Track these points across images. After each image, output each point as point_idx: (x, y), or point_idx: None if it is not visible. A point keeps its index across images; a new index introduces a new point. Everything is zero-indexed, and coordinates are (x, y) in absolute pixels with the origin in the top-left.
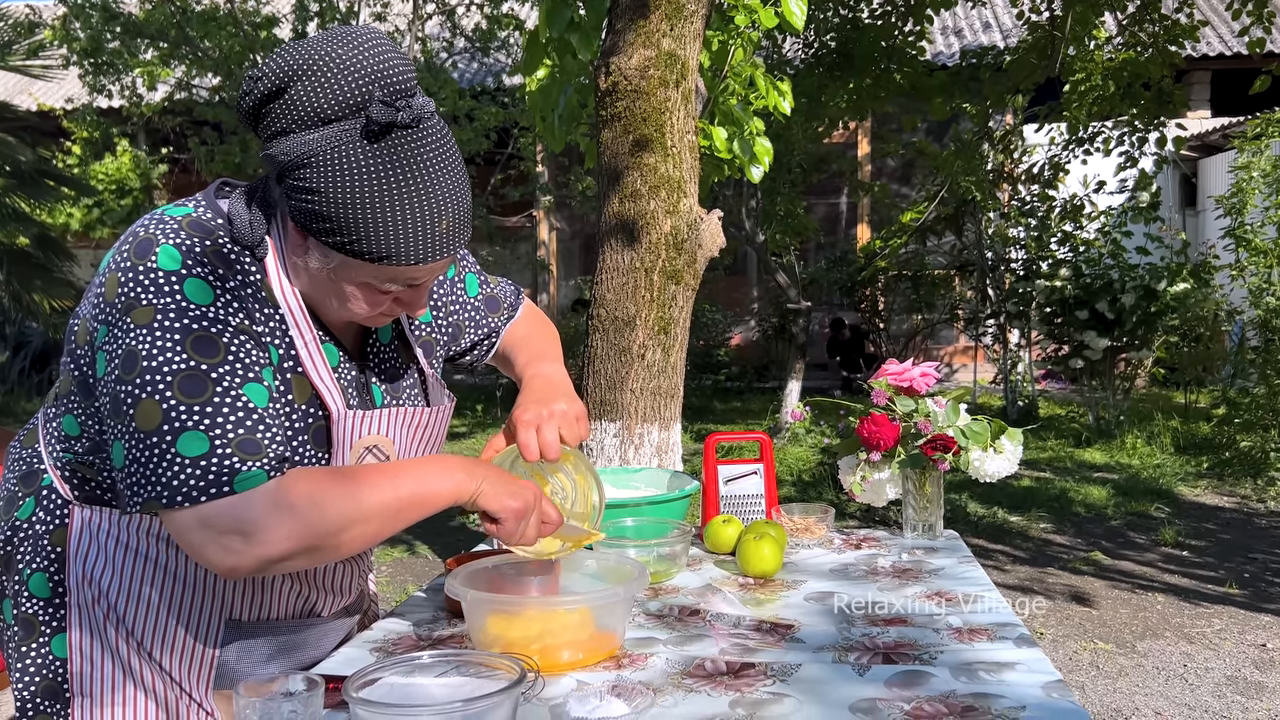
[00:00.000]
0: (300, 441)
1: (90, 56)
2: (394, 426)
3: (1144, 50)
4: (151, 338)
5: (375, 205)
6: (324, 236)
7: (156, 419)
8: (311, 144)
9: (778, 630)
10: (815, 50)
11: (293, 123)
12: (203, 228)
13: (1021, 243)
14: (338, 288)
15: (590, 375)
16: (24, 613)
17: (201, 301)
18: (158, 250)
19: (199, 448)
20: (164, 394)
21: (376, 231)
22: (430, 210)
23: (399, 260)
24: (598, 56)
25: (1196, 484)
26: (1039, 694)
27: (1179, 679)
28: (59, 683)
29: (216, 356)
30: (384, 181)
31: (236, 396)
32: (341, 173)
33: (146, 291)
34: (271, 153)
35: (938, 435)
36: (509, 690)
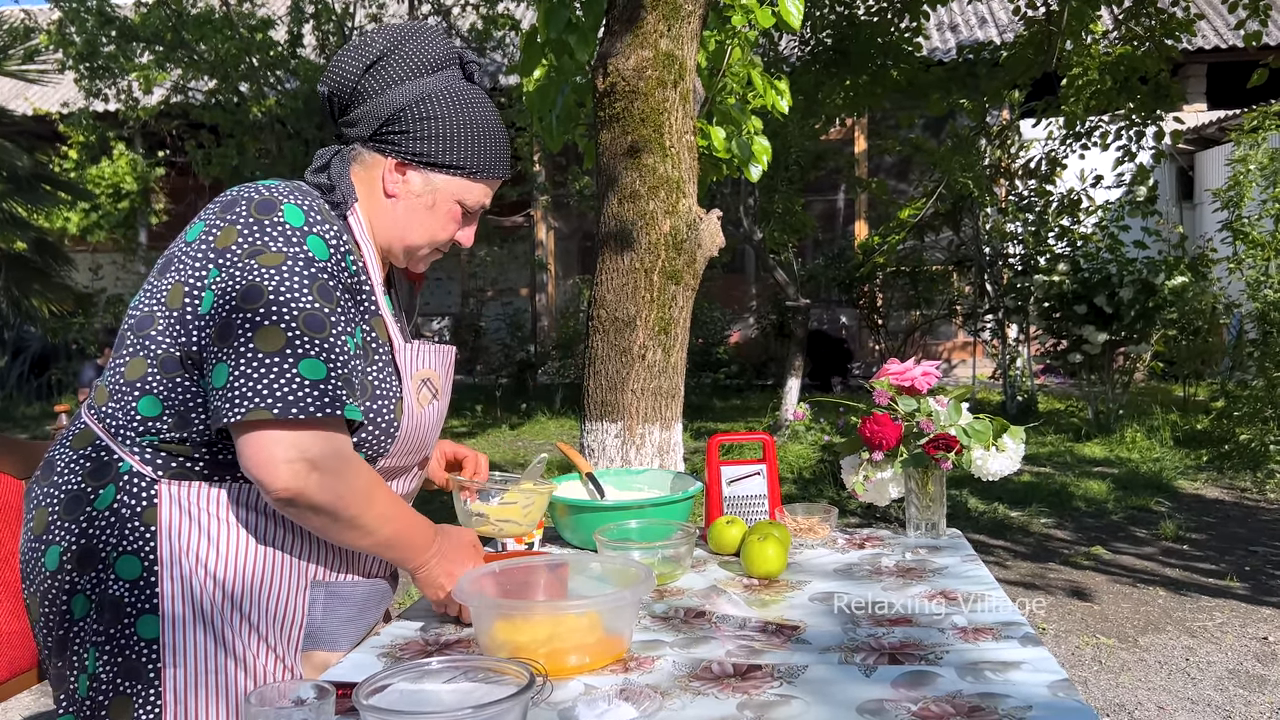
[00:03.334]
0: (388, 373)
1: (86, 60)
2: (437, 360)
3: (1140, 44)
4: (280, 277)
5: (478, 128)
6: (440, 158)
7: (280, 343)
8: (429, 84)
9: (783, 631)
10: (812, 48)
11: (406, 73)
12: (306, 191)
13: (1019, 238)
14: (436, 211)
15: (591, 376)
16: (110, 596)
17: (321, 257)
18: (283, 208)
19: (318, 373)
20: (290, 323)
21: (480, 149)
22: (502, 135)
23: (490, 174)
24: (594, 58)
25: (1196, 477)
26: (1045, 693)
27: (1181, 673)
28: (142, 662)
29: (332, 304)
30: (479, 111)
31: (344, 342)
32: (459, 101)
33: (275, 240)
34: (379, 103)
35: (940, 434)
36: (519, 696)
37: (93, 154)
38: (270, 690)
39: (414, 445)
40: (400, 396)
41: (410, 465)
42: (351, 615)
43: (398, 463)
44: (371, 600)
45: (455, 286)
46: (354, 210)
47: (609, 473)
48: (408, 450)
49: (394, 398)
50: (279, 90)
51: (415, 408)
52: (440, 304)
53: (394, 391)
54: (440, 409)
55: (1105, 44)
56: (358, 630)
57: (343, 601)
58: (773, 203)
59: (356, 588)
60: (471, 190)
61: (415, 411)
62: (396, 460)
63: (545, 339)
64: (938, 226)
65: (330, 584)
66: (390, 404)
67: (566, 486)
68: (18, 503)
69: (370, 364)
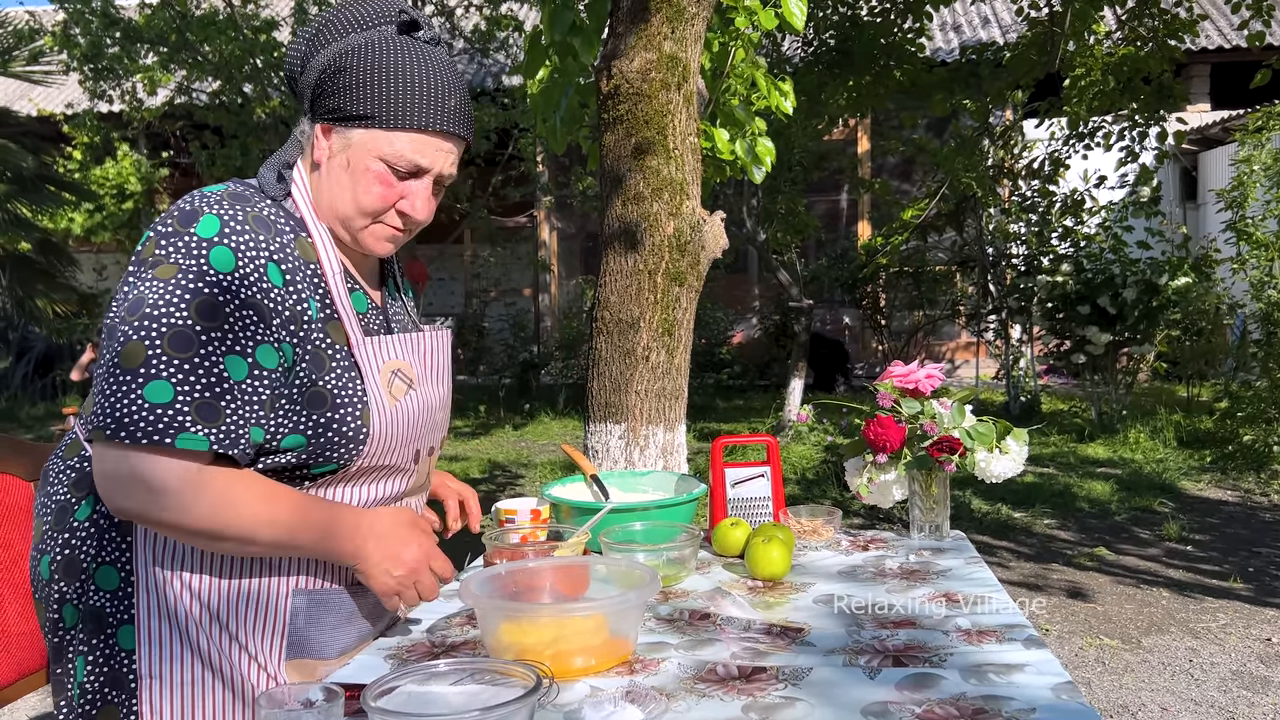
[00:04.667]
0: (349, 378)
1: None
2: (404, 350)
3: (1144, 45)
4: (163, 290)
5: (395, 71)
6: (348, 108)
7: (138, 360)
8: (352, 40)
9: (788, 633)
10: (815, 48)
11: (334, 35)
12: (240, 197)
13: (1023, 238)
14: (354, 172)
15: (595, 378)
16: (92, 606)
17: (221, 269)
18: (201, 219)
19: (162, 396)
20: (154, 340)
21: (395, 94)
22: (442, 85)
23: (411, 121)
24: (598, 60)
25: (1200, 478)
26: (1049, 695)
27: (1184, 674)
28: (124, 672)
29: (214, 322)
30: (405, 58)
31: (215, 363)
32: (373, 50)
33: (177, 252)
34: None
35: (944, 437)
36: (526, 698)
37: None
38: (280, 692)
39: (396, 441)
40: (366, 400)
41: (402, 463)
42: (338, 623)
43: (384, 461)
44: (363, 608)
45: (459, 287)
46: (296, 198)
47: (613, 474)
48: (389, 449)
49: (359, 402)
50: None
51: (388, 402)
52: (444, 304)
53: (359, 395)
54: (425, 398)
55: (1108, 44)
56: (348, 638)
57: (328, 609)
58: (776, 203)
59: (343, 595)
60: (392, 142)
61: (388, 407)
62: (379, 459)
63: (548, 339)
64: (941, 227)
65: (313, 591)
66: (354, 409)
67: (571, 488)
68: (26, 505)
69: (326, 372)
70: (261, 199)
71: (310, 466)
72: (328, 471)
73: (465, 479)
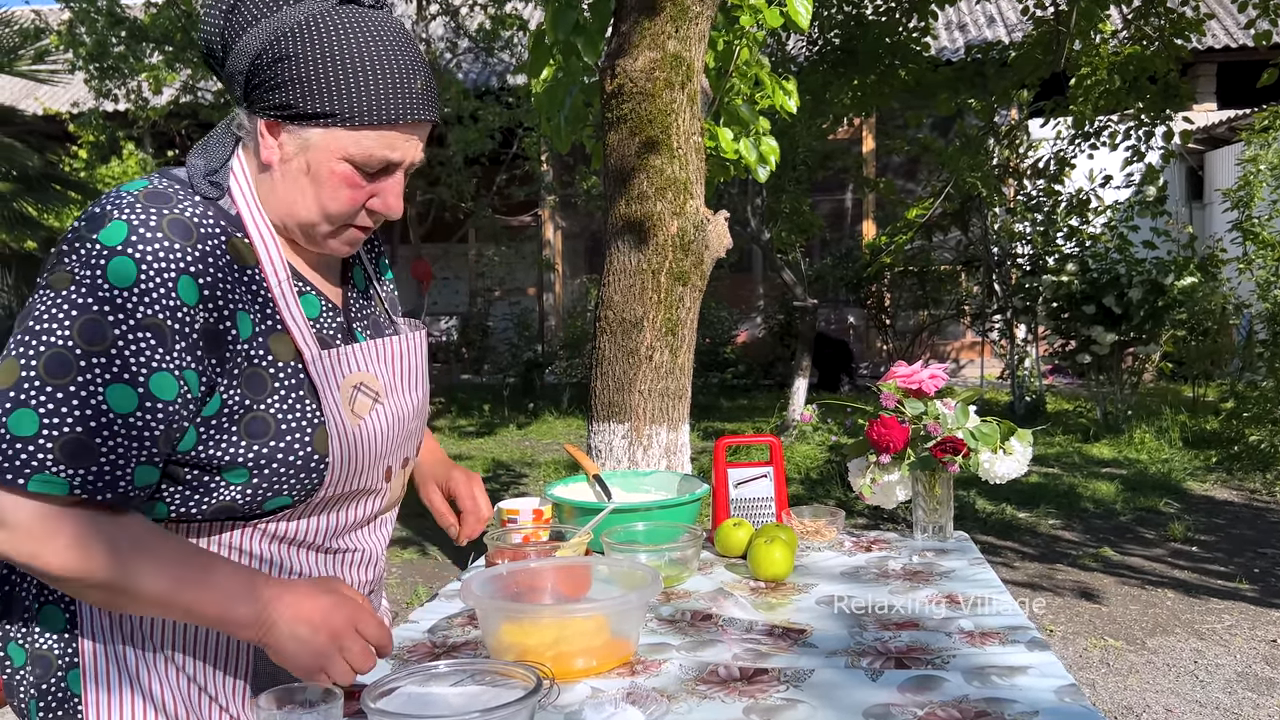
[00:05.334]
0: (296, 398)
1: (95, 61)
2: (369, 361)
3: (1150, 44)
4: (51, 303)
5: (350, 59)
6: (301, 105)
7: (9, 382)
8: (284, 18)
9: (790, 635)
10: (820, 47)
11: (262, 9)
12: (160, 196)
13: (1028, 238)
14: (315, 175)
15: (598, 377)
16: (38, 650)
17: (118, 284)
18: (108, 224)
19: (26, 428)
20: (29, 361)
21: (356, 86)
22: (403, 67)
23: (377, 116)
24: (602, 59)
25: (1205, 479)
26: (1052, 698)
27: (1190, 675)
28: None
29: (99, 345)
30: (360, 39)
31: (93, 393)
32: (317, 31)
33: (75, 260)
34: (238, 53)
35: (947, 437)
36: (527, 699)
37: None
38: (279, 693)
39: (363, 463)
40: (320, 421)
41: (372, 484)
42: None
43: (351, 486)
44: None
45: (463, 286)
46: (235, 195)
47: (616, 474)
48: (355, 472)
49: (309, 425)
50: None
51: (349, 421)
52: (448, 304)
53: (308, 417)
54: (395, 410)
55: (1114, 43)
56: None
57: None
58: (780, 203)
59: None
60: (360, 142)
61: (349, 426)
62: (345, 485)
63: (552, 339)
64: (946, 226)
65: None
66: (302, 435)
67: (574, 488)
68: None
69: (268, 394)
70: (188, 197)
71: (260, 503)
72: (284, 506)
73: None
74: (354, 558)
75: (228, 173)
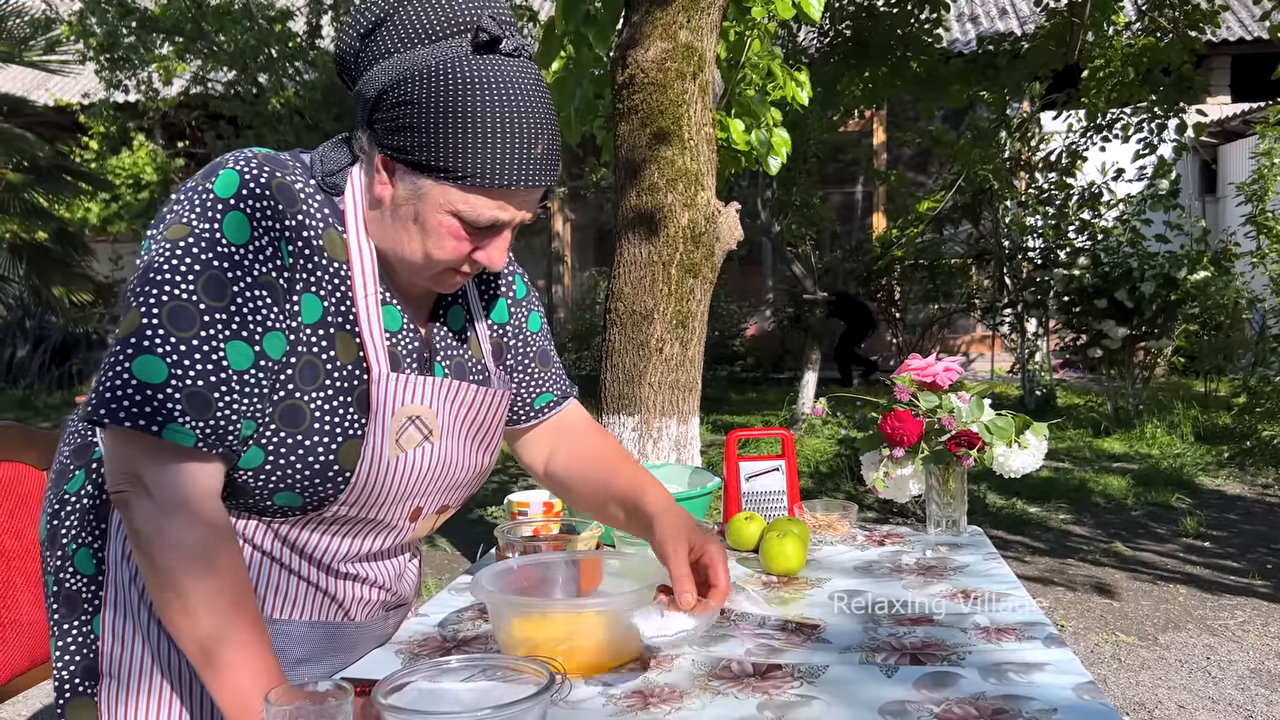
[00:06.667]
0: (341, 402)
1: (106, 51)
2: (437, 397)
3: (1164, 36)
4: (170, 254)
5: (473, 117)
6: (417, 154)
7: (130, 329)
8: (416, 58)
9: (803, 630)
10: (831, 39)
11: (398, 43)
12: (278, 161)
13: (1039, 231)
14: (423, 223)
15: (608, 369)
16: (68, 589)
17: (235, 240)
18: (220, 173)
19: (152, 375)
20: (151, 309)
21: (474, 147)
22: (527, 130)
23: (493, 179)
24: (613, 49)
25: (1217, 474)
26: (1070, 695)
27: (1202, 671)
28: (97, 663)
29: (220, 301)
30: (484, 94)
31: (215, 348)
32: (444, 81)
33: (191, 210)
34: (368, 80)
35: (962, 431)
36: (539, 695)
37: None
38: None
39: (388, 495)
40: (357, 434)
41: (393, 520)
42: (303, 657)
43: (368, 514)
44: (338, 642)
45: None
46: (348, 199)
47: None
48: (379, 500)
49: (341, 434)
50: (297, 82)
51: (389, 451)
52: None
53: (344, 426)
54: (444, 455)
55: (1128, 35)
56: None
57: (293, 642)
58: (791, 195)
59: (313, 629)
60: (469, 200)
61: (389, 455)
62: (362, 510)
63: (562, 331)
64: (957, 219)
65: (276, 621)
66: (332, 440)
67: None
68: (38, 494)
69: (317, 387)
70: (304, 175)
71: (270, 495)
72: (295, 507)
73: None
74: (364, 582)
75: (345, 176)
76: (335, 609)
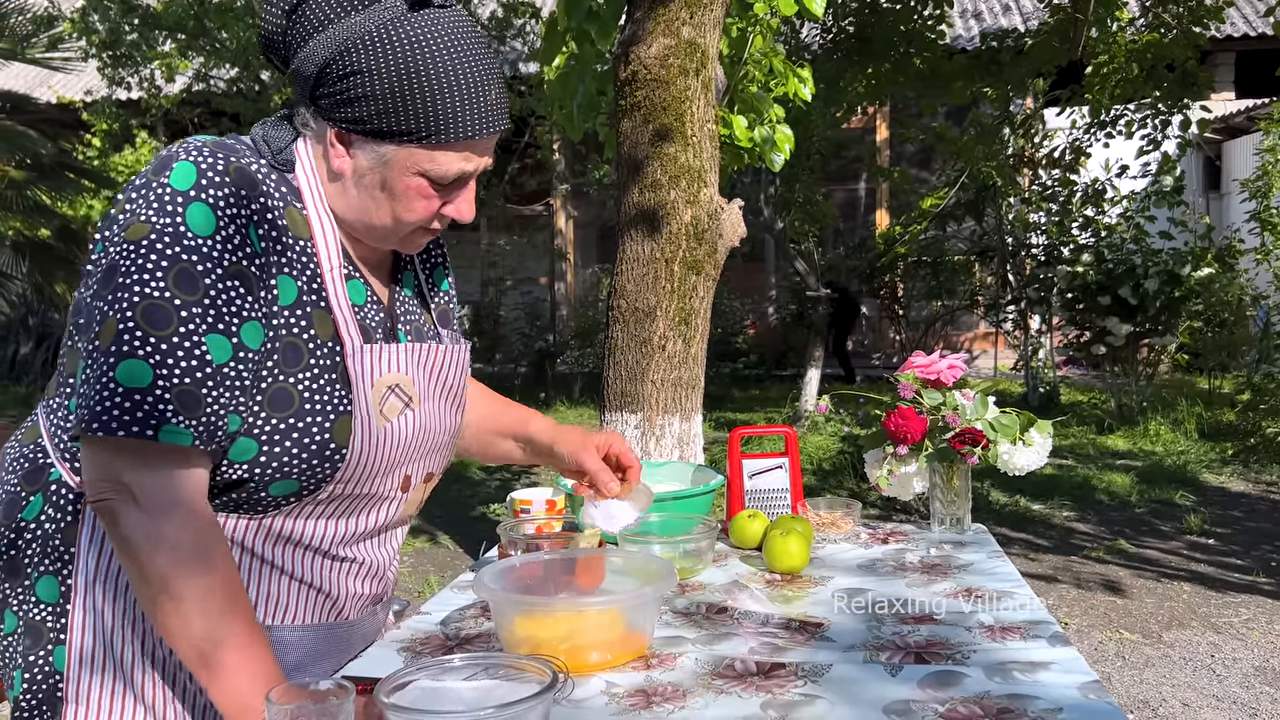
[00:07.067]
0: (327, 380)
1: (109, 49)
2: (410, 364)
3: (1168, 32)
4: (136, 255)
5: (426, 75)
6: (376, 123)
7: (109, 338)
8: (353, 27)
9: (807, 629)
10: (834, 35)
11: (329, 15)
12: (227, 146)
13: (1043, 228)
14: (390, 189)
15: (610, 366)
16: (31, 619)
17: (200, 232)
18: (174, 166)
19: (138, 379)
20: (125, 313)
21: (432, 105)
22: (479, 78)
23: (457, 133)
24: (616, 46)
25: (1221, 471)
26: (1076, 695)
27: (1206, 669)
28: (58, 696)
29: (194, 295)
30: (432, 50)
31: (196, 343)
32: (391, 45)
33: (149, 207)
34: (305, 57)
35: (966, 429)
36: (542, 695)
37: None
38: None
39: (379, 466)
40: (346, 410)
41: (386, 491)
42: (297, 662)
43: (363, 489)
44: (330, 646)
45: (475, 275)
46: (299, 175)
47: None
48: (370, 474)
49: (333, 411)
50: None
51: (376, 422)
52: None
53: (334, 403)
54: (424, 419)
55: (1132, 31)
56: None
57: (286, 648)
58: (794, 192)
59: (305, 633)
60: (435, 158)
61: (376, 426)
62: (357, 486)
63: (564, 328)
64: (960, 216)
65: (269, 628)
66: (325, 419)
67: None
68: None
69: (301, 368)
70: (255, 156)
71: (266, 485)
72: (290, 495)
73: (477, 470)
74: (358, 569)
75: (293, 152)
76: (328, 607)
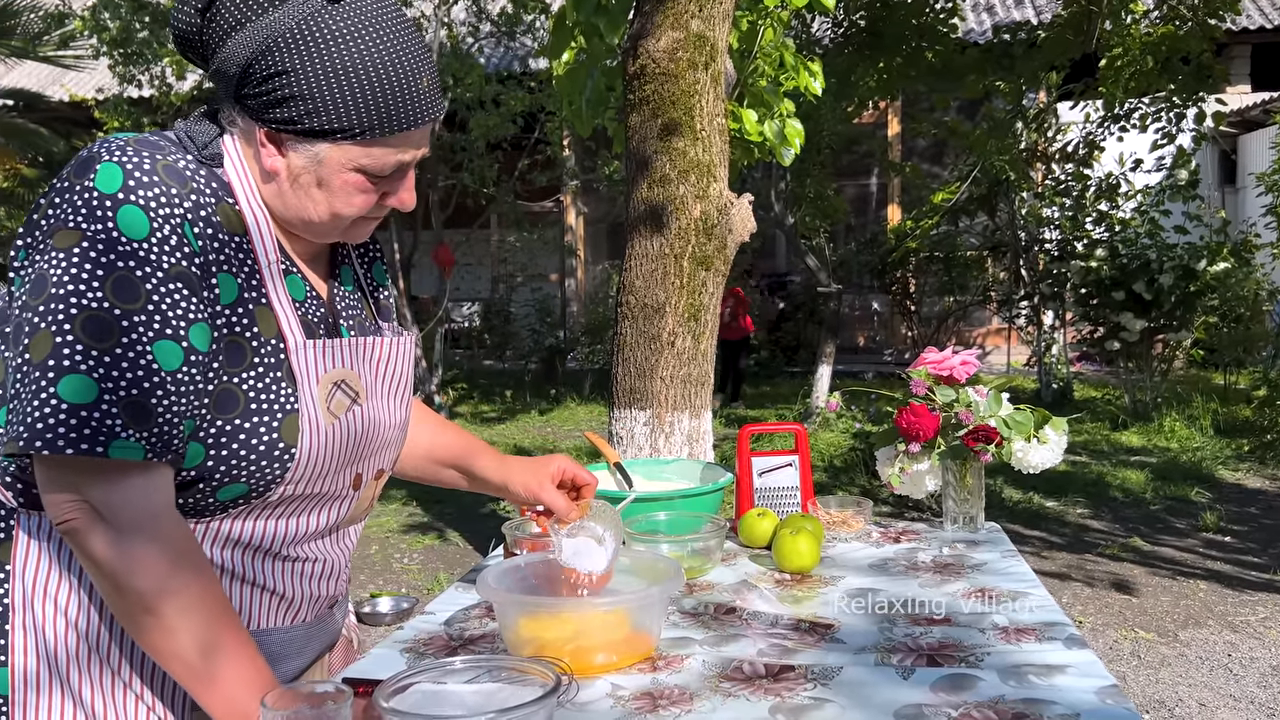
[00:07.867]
0: (273, 378)
1: (120, 46)
2: (355, 359)
3: (1183, 24)
4: (69, 263)
5: (354, 70)
6: (307, 122)
7: (46, 352)
8: (273, 24)
9: (817, 630)
10: (845, 28)
11: (246, 12)
12: (151, 143)
13: (1056, 223)
14: (327, 186)
15: (620, 363)
16: None
17: (134, 235)
18: (98, 168)
19: (82, 395)
20: (62, 327)
21: (364, 99)
22: (409, 67)
23: (392, 126)
24: (624, 39)
25: (1237, 467)
26: (1093, 699)
27: (1223, 669)
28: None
29: (135, 303)
30: (357, 43)
31: (142, 352)
32: (314, 42)
33: (77, 213)
34: (226, 57)
35: (979, 426)
36: (545, 699)
37: None
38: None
39: (329, 464)
40: (293, 408)
41: (337, 490)
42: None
43: (314, 489)
44: (290, 646)
45: (485, 272)
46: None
47: (637, 462)
48: (320, 473)
49: (280, 410)
50: None
51: (323, 419)
52: (470, 289)
53: (280, 402)
54: (372, 414)
55: (1147, 24)
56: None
57: None
58: (805, 187)
59: (259, 639)
60: (371, 153)
61: (323, 424)
62: (308, 486)
63: (574, 325)
64: (972, 211)
65: None
66: (272, 419)
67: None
68: None
69: (245, 367)
70: (180, 151)
71: (215, 489)
72: (239, 497)
73: None
74: (313, 568)
75: (219, 146)
76: (283, 610)
